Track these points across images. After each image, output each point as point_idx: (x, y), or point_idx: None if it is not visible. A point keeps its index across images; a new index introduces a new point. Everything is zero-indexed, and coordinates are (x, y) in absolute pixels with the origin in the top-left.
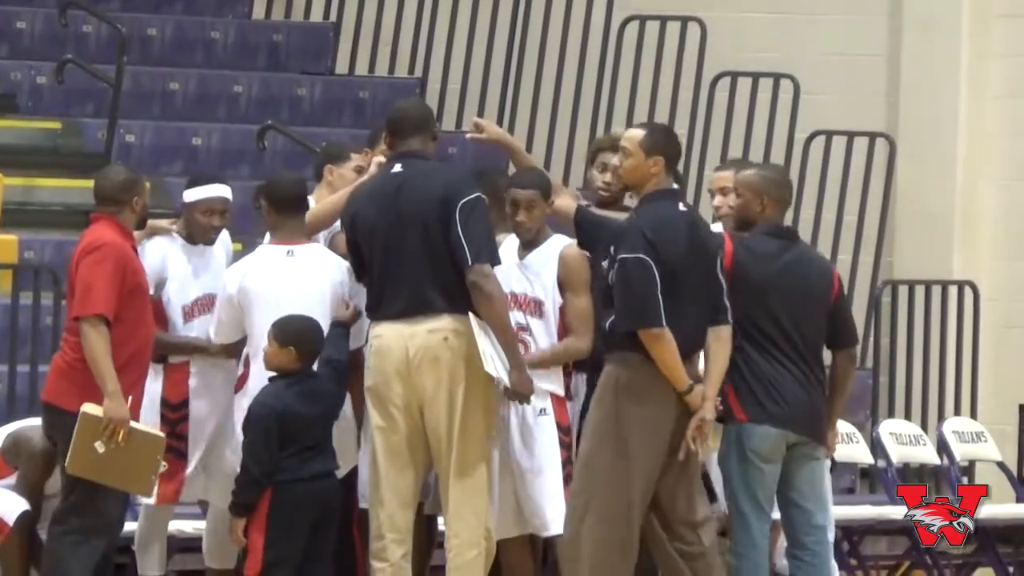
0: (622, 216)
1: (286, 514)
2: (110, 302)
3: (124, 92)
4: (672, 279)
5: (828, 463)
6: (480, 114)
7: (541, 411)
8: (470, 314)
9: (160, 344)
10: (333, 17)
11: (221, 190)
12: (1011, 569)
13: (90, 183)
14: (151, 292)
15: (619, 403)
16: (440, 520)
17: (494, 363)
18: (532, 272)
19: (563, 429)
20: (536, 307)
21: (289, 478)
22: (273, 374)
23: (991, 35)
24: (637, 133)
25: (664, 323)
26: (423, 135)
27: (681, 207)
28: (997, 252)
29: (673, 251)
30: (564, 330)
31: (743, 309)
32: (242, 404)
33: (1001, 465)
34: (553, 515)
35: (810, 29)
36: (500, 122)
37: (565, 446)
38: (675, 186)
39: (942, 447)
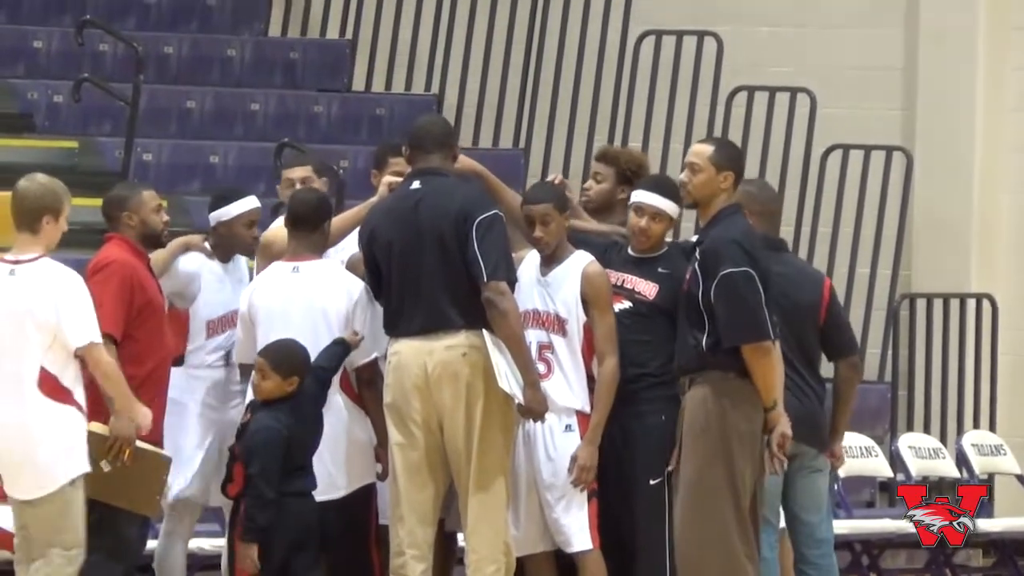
0: (606, 227)
1: (269, 531)
2: (117, 321)
3: (141, 110)
4: (763, 292)
5: (828, 475)
6: (497, 130)
7: (567, 427)
8: (484, 331)
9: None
10: (349, 34)
11: (256, 201)
12: None
13: None
14: (183, 304)
15: (725, 422)
16: (460, 536)
17: (508, 380)
18: (554, 289)
19: None
20: (559, 325)
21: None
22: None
23: (1007, 47)
24: (706, 148)
25: (773, 336)
26: (443, 152)
27: (750, 221)
28: (1015, 265)
29: (761, 264)
30: (589, 348)
31: None
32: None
33: (1020, 478)
34: (576, 531)
35: (826, 43)
36: (517, 138)
37: None
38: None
39: (961, 460)
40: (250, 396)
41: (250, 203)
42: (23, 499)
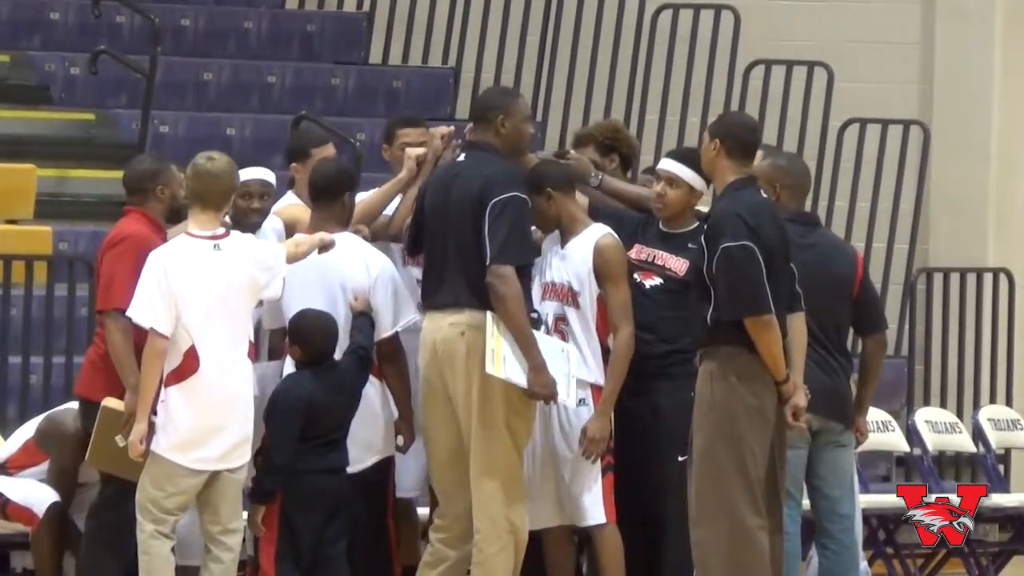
0: (638, 188)
1: (301, 505)
2: (131, 296)
3: (157, 83)
4: (768, 265)
5: (852, 446)
6: None
7: (581, 401)
8: (488, 312)
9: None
10: (367, 7)
11: (258, 172)
12: None
13: None
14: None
15: (731, 397)
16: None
17: (505, 364)
18: (568, 262)
19: None
20: (572, 297)
21: (307, 468)
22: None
23: None
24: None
25: (772, 310)
26: (484, 125)
27: (763, 193)
28: None
29: (767, 237)
30: (603, 321)
31: None
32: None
33: None
34: (589, 505)
35: (844, 17)
36: (534, 112)
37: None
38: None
39: (977, 435)
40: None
41: (248, 174)
42: (234, 467)
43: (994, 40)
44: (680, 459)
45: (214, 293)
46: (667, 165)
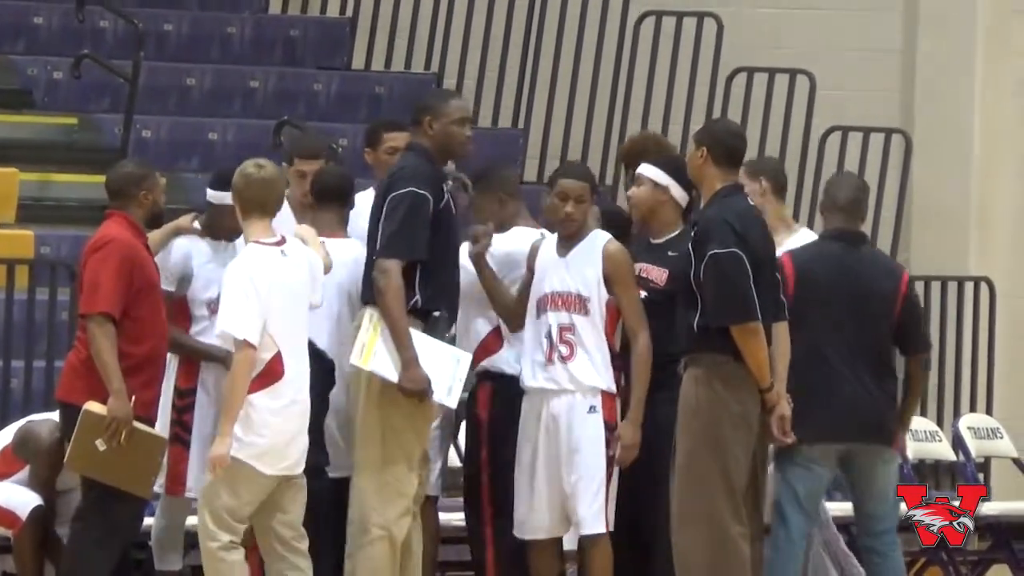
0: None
1: None
2: (115, 300)
3: (140, 87)
4: (755, 273)
5: (896, 462)
6: (497, 109)
7: (591, 408)
8: (368, 307)
9: (175, 346)
10: (349, 12)
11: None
12: None
13: None
14: (173, 289)
15: (716, 404)
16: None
17: (374, 357)
18: (574, 269)
19: (609, 427)
20: (580, 304)
21: None
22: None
23: (1007, 31)
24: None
25: (759, 317)
26: (415, 127)
27: (750, 200)
28: (1013, 248)
29: (755, 245)
30: (612, 326)
31: (801, 312)
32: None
33: (1016, 462)
34: (593, 514)
35: (826, 25)
36: (516, 117)
37: (609, 444)
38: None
39: (957, 443)
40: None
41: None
42: (297, 474)
43: (975, 49)
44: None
45: (289, 299)
46: (639, 168)
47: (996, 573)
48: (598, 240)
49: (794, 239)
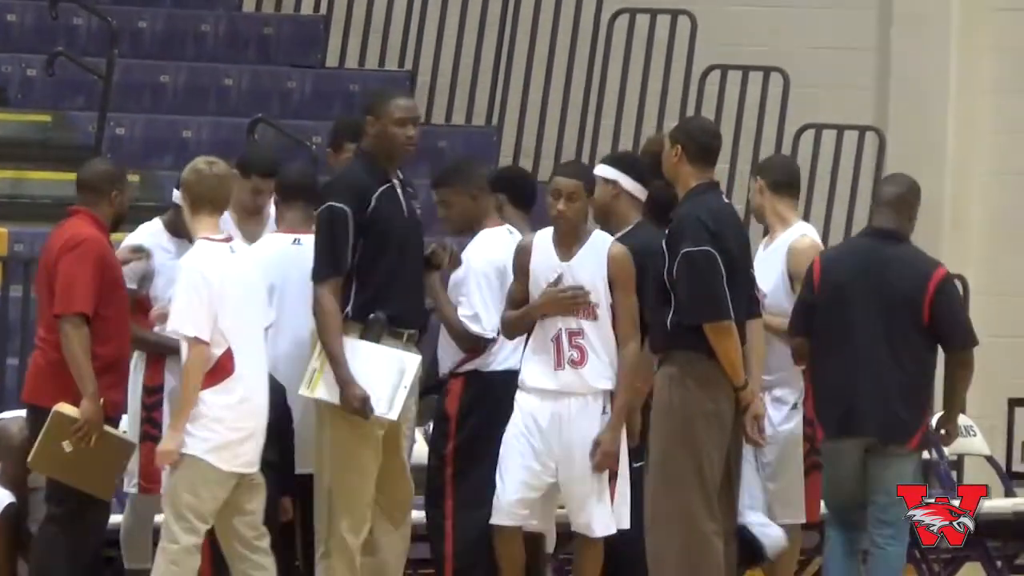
0: None
1: None
2: (91, 300)
3: (114, 85)
4: (729, 271)
5: (911, 460)
6: (470, 107)
7: (604, 411)
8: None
9: (137, 341)
10: (323, 10)
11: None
12: (999, 563)
13: None
14: (136, 287)
15: (689, 403)
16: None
17: (322, 384)
18: (579, 272)
19: None
20: (590, 309)
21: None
22: None
23: (981, 29)
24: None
25: (732, 316)
26: (364, 130)
27: (725, 199)
28: (986, 246)
29: (729, 242)
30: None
31: (824, 310)
32: None
33: (990, 459)
34: (600, 516)
35: (800, 22)
36: (490, 115)
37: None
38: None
39: (931, 441)
40: None
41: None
42: (253, 472)
43: (949, 46)
44: (635, 465)
45: (240, 296)
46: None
47: (969, 570)
48: (602, 242)
49: (788, 233)
